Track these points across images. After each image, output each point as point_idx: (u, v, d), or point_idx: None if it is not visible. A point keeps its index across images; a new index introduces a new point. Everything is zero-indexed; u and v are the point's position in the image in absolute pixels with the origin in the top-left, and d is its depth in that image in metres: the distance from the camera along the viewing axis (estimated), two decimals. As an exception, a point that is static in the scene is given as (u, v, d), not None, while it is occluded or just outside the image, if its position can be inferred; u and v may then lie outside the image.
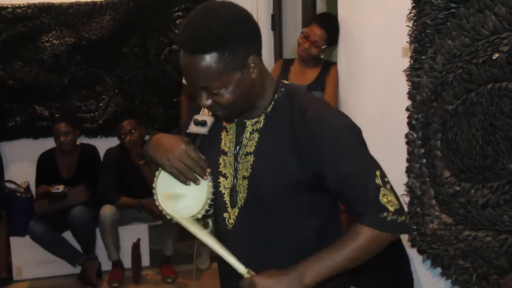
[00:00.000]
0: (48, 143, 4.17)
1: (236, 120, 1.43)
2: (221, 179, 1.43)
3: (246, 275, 1.34)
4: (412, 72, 2.21)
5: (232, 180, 1.42)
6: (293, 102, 1.37)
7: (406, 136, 2.28)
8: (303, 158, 1.33)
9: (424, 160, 2.19)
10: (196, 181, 1.38)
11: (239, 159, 1.41)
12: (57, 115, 4.36)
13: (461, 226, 1.98)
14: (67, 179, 4.02)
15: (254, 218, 1.40)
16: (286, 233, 1.41)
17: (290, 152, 1.34)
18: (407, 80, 2.26)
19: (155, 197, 1.42)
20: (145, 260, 4.02)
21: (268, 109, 1.39)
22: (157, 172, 1.43)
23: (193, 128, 1.46)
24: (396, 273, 2.39)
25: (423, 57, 2.13)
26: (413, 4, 2.16)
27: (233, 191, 1.42)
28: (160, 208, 1.42)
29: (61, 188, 3.84)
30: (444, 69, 2.01)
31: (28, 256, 3.91)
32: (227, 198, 1.43)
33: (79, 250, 3.88)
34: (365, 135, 1.41)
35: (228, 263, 1.40)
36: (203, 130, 1.45)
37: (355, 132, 1.36)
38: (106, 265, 3.92)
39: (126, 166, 3.91)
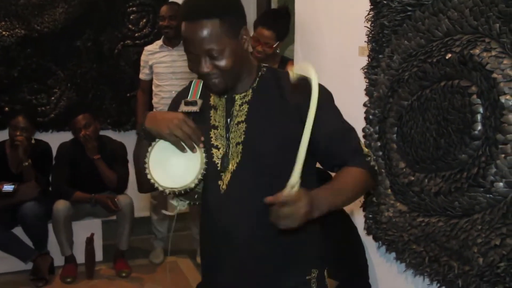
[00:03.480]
0: (-3, 136, 4.07)
1: (225, 96, 1.57)
2: (214, 150, 1.55)
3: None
4: (370, 70, 2.35)
5: (224, 149, 1.54)
6: (278, 75, 1.57)
7: (363, 130, 2.42)
8: (293, 116, 1.48)
9: (381, 153, 2.33)
10: (193, 149, 1.48)
11: (230, 129, 1.54)
12: (6, 108, 4.25)
13: (415, 213, 2.14)
14: (15, 173, 3.92)
15: (247, 180, 1.51)
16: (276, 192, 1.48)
17: (280, 113, 1.50)
18: (364, 78, 2.40)
19: (146, 171, 1.49)
20: (98, 255, 3.98)
21: (255, 84, 1.56)
22: (150, 148, 1.51)
23: (183, 108, 1.58)
24: (352, 262, 2.52)
25: (380, 56, 2.28)
26: (371, 6, 2.31)
27: (225, 157, 1.54)
28: (152, 181, 1.48)
29: (12, 185, 3.74)
30: (400, 68, 2.16)
31: (-25, 253, 3.80)
32: (220, 167, 1.54)
33: (31, 246, 3.81)
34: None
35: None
36: (194, 108, 1.58)
37: (333, 99, 1.60)
38: (59, 261, 3.86)
39: (81, 161, 3.87)
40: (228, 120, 1.56)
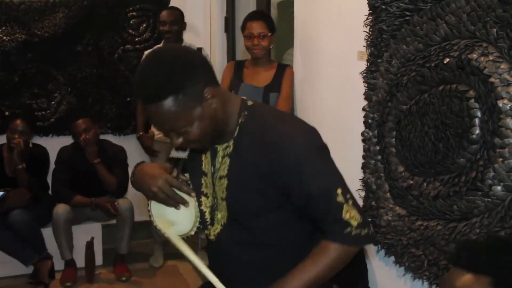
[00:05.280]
0: (-4, 140, 4.08)
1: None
2: (203, 198, 1.53)
3: None
4: (369, 74, 2.37)
5: (212, 199, 1.52)
6: (255, 126, 1.43)
7: (362, 134, 2.43)
8: (269, 181, 1.40)
9: (379, 157, 2.34)
10: (177, 207, 1.48)
11: (215, 181, 1.50)
12: (6, 113, 4.26)
13: (414, 217, 2.15)
14: (10, 177, 3.91)
15: (235, 235, 1.49)
16: (266, 248, 1.50)
17: (258, 176, 1.41)
18: (363, 82, 2.41)
19: (152, 218, 1.55)
20: (98, 259, 3.98)
21: (235, 134, 1.45)
22: None
23: (174, 153, 1.59)
24: (351, 265, 2.52)
25: (379, 60, 2.29)
26: (370, 11, 2.32)
27: (213, 209, 1.51)
28: (158, 227, 1.54)
29: (2, 191, 3.73)
30: (399, 72, 2.17)
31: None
32: (208, 216, 1.53)
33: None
34: (322, 134, 1.50)
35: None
36: (183, 155, 1.57)
37: (315, 148, 1.42)
38: (59, 265, 3.86)
39: (81, 165, 3.88)
40: (213, 169, 1.51)
